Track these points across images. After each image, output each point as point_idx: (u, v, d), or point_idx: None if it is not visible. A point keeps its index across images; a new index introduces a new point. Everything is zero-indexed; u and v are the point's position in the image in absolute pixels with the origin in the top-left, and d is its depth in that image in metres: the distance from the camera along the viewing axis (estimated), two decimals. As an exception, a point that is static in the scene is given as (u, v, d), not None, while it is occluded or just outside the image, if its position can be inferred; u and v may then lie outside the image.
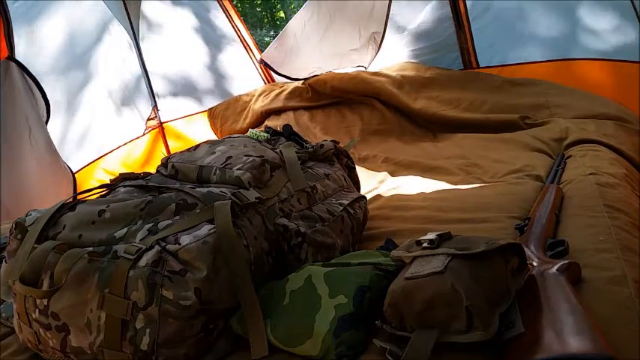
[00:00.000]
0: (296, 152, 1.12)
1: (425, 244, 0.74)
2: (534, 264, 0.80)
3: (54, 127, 2.01)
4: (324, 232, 0.97)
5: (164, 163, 1.06)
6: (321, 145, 1.23)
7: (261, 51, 2.67)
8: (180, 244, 0.76)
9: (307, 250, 0.92)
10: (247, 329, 0.77)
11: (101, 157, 2.40)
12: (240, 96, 2.63)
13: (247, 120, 2.48)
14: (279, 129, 1.32)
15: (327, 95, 2.31)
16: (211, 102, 2.73)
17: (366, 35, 2.23)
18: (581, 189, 1.20)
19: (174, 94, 2.78)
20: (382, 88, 2.18)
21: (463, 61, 2.37)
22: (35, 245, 0.81)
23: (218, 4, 2.61)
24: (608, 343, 0.58)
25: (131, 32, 2.61)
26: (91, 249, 0.79)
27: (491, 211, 1.18)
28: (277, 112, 2.40)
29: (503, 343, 0.65)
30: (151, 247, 0.76)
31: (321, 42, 2.27)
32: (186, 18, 2.67)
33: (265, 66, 2.62)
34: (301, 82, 2.41)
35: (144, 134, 2.69)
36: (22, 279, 0.76)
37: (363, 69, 2.40)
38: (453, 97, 2.07)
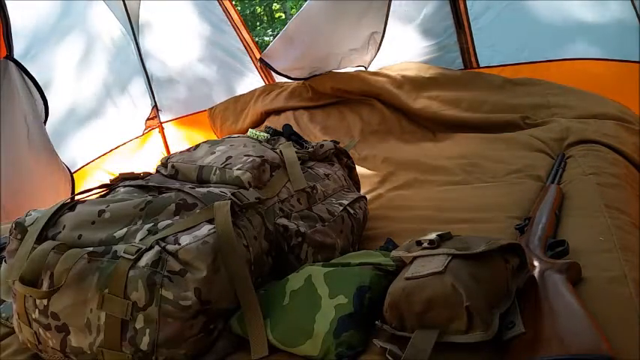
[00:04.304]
0: (296, 152, 1.12)
1: (425, 245, 0.74)
2: (534, 264, 0.80)
3: (53, 127, 2.00)
4: (324, 232, 0.97)
5: (164, 163, 1.06)
6: (321, 145, 1.23)
7: (261, 51, 2.67)
8: (180, 244, 0.76)
9: (307, 250, 0.92)
10: (247, 329, 0.77)
11: (100, 156, 2.40)
12: (240, 96, 2.62)
13: (247, 120, 2.47)
14: (279, 129, 1.32)
15: (327, 95, 2.30)
16: (211, 102, 2.73)
17: (365, 35, 2.22)
18: (582, 189, 1.20)
19: (174, 94, 2.78)
20: (382, 88, 2.18)
21: (463, 61, 2.37)
22: (35, 245, 0.81)
23: (218, 4, 2.61)
24: (609, 343, 0.58)
25: (131, 32, 2.61)
26: (90, 249, 0.78)
27: (492, 211, 1.18)
28: (277, 112, 2.39)
29: (504, 343, 0.65)
30: (151, 247, 0.76)
31: (321, 42, 2.26)
32: (185, 18, 2.67)
33: (265, 66, 2.61)
34: (301, 82, 2.41)
35: (143, 134, 2.69)
36: (22, 279, 0.76)
37: (363, 69, 2.40)
38: (453, 97, 2.06)
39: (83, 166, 2.29)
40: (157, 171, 1.07)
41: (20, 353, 0.89)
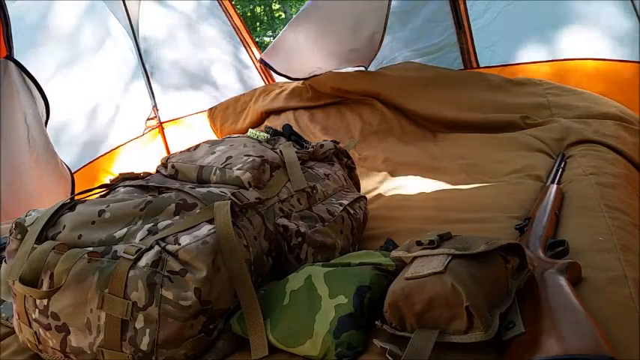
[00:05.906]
0: (296, 152, 1.12)
1: (425, 245, 0.74)
2: (534, 264, 0.80)
3: (53, 127, 2.00)
4: (324, 233, 0.97)
5: (164, 163, 1.06)
6: (321, 145, 1.23)
7: (261, 51, 2.67)
8: (180, 244, 0.76)
9: (307, 250, 0.92)
10: (247, 329, 0.77)
11: (101, 156, 2.40)
12: (240, 96, 2.63)
13: (247, 120, 2.48)
14: (279, 129, 1.32)
15: (327, 95, 2.30)
16: (211, 102, 2.73)
17: (365, 35, 2.22)
18: (582, 189, 1.20)
19: (174, 94, 2.78)
20: (382, 88, 2.18)
21: (463, 61, 2.37)
22: (35, 245, 0.80)
23: (218, 4, 2.61)
24: (608, 343, 0.58)
25: (130, 32, 2.61)
26: (90, 249, 0.78)
27: (492, 211, 1.18)
28: (277, 112, 2.40)
29: (504, 343, 0.65)
30: (151, 248, 0.76)
31: (321, 42, 2.26)
32: (185, 18, 2.67)
33: (265, 66, 2.62)
34: (301, 82, 2.41)
35: (143, 134, 2.69)
36: (22, 279, 0.76)
37: (363, 69, 2.40)
38: (453, 97, 2.06)
39: (83, 166, 2.29)
40: (157, 171, 1.07)
41: (20, 353, 0.89)
